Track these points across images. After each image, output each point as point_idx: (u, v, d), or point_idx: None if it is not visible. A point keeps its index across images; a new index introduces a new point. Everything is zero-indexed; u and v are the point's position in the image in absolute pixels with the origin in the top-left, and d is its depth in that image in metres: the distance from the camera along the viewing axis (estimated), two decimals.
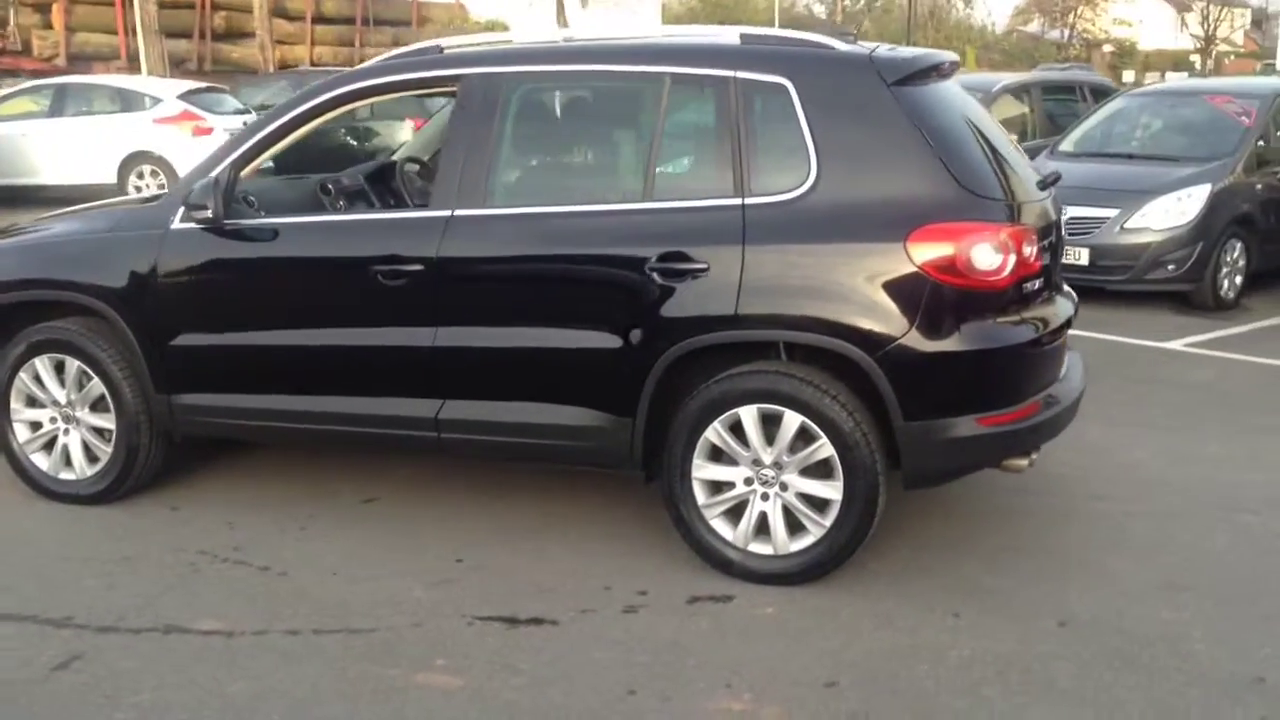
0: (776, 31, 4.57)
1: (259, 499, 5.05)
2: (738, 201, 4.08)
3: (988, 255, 3.92)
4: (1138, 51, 60.57)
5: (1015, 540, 4.57)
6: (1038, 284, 4.17)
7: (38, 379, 4.97)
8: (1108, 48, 59.68)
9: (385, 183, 5.57)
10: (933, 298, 3.90)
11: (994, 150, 4.24)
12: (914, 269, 3.90)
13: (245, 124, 5.25)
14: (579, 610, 4.04)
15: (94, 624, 3.98)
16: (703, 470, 4.20)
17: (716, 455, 4.20)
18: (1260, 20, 70.98)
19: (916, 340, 3.92)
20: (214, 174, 4.60)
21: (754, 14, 63.18)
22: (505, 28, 24.09)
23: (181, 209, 4.68)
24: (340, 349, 4.55)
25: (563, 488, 5.05)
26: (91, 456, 4.98)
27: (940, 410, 3.98)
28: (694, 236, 4.09)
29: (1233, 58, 63.06)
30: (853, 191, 4.00)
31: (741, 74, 4.16)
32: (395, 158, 5.88)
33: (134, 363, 4.82)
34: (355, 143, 14.12)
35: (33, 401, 5.03)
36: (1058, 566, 4.36)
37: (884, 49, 4.30)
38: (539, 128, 4.65)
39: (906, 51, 4.34)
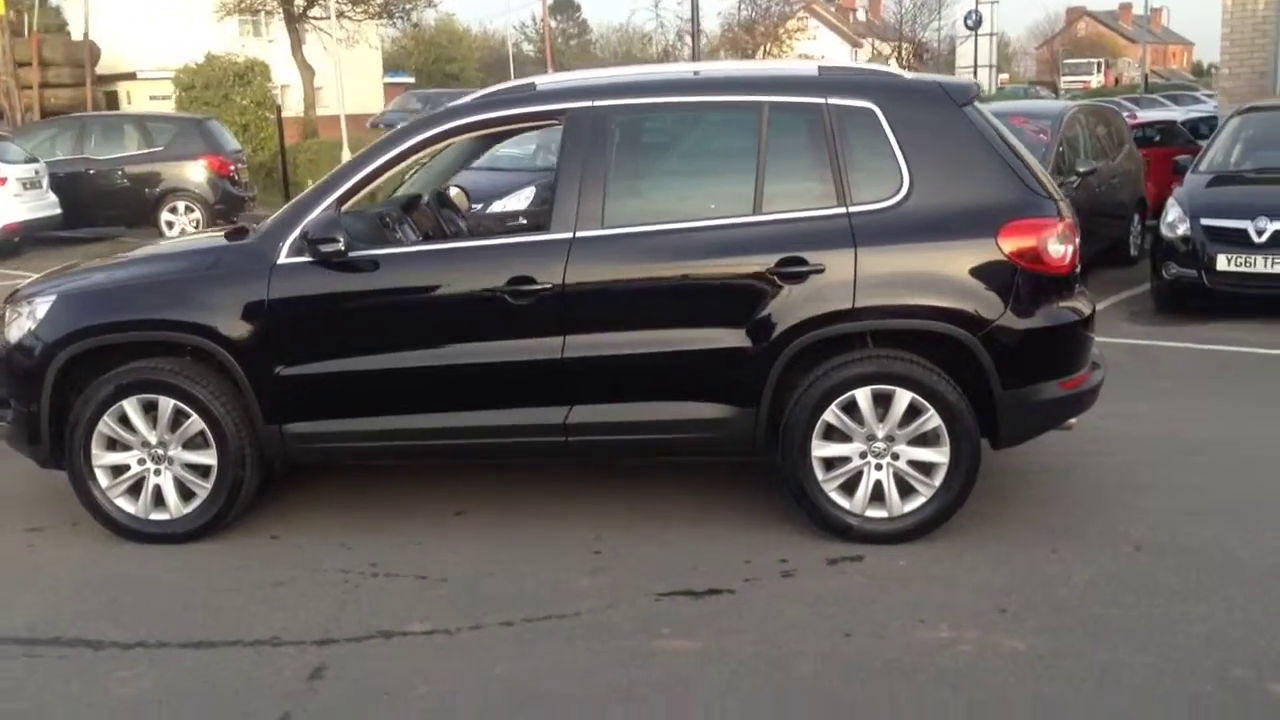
0: (850, 64, 5.22)
1: (350, 522, 5.25)
2: (843, 210, 4.70)
3: (1057, 245, 4.71)
4: None
5: (1053, 489, 5.34)
6: (1078, 271, 4.98)
7: (123, 421, 4.98)
8: None
9: (412, 214, 5.84)
10: (1020, 283, 4.65)
11: (1026, 158, 5.03)
12: (1004, 258, 4.64)
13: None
14: (743, 580, 4.53)
15: (308, 639, 4.15)
16: (822, 449, 4.78)
17: (831, 434, 4.77)
18: (922, 54, 77.42)
19: (1010, 320, 4.65)
20: (323, 210, 4.82)
21: (468, 51, 63.58)
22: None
23: (286, 244, 4.86)
24: (465, 366, 4.84)
25: (649, 483, 5.49)
26: (185, 494, 5.03)
27: (1031, 378, 4.73)
28: (809, 242, 4.68)
29: None
30: (942, 196, 4.70)
31: (833, 100, 4.79)
32: (417, 191, 6.15)
33: (238, 396, 4.92)
34: None
35: (112, 445, 5.02)
36: (1103, 505, 5.17)
37: (942, 78, 5.04)
38: (646, 153, 5.10)
39: (958, 79, 5.09)
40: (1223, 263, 9.32)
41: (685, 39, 47.64)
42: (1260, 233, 9.18)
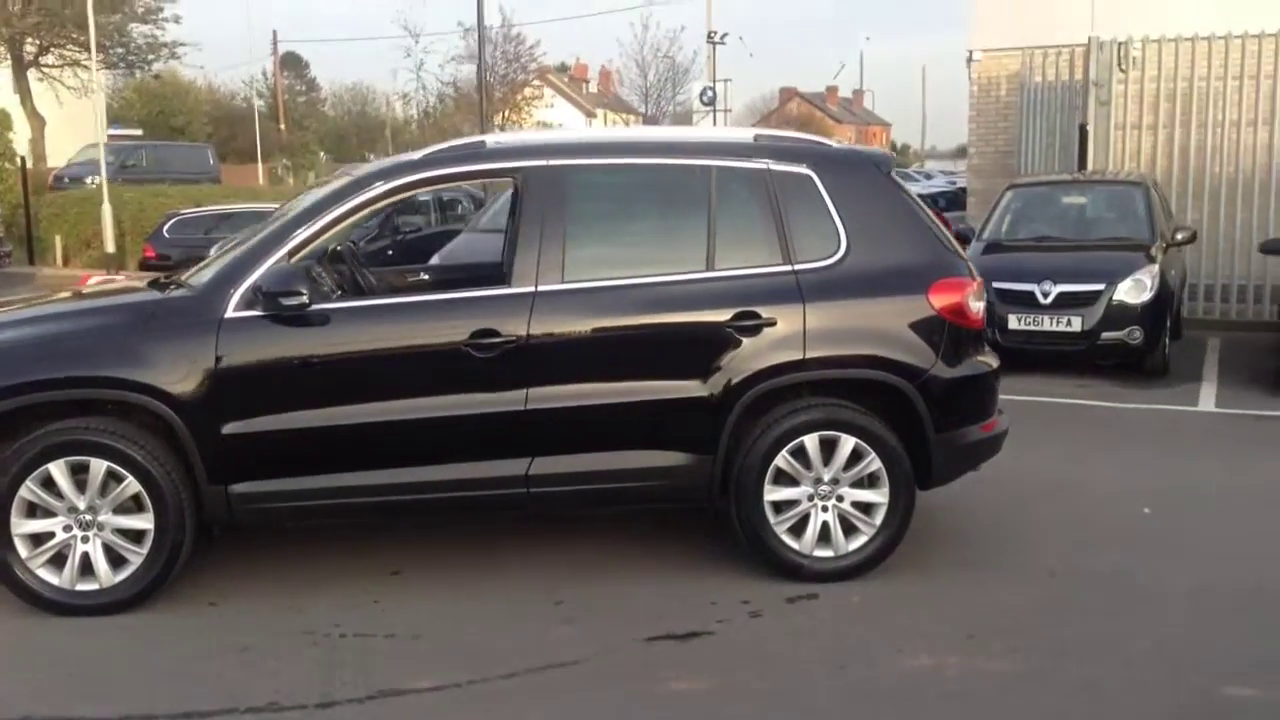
0: (784, 132, 5.56)
1: (285, 586, 5.09)
2: (789, 268, 5.01)
3: (975, 302, 5.18)
4: None
5: (955, 527, 5.76)
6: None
7: (46, 485, 4.69)
8: None
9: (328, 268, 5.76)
10: (948, 336, 5.08)
11: (938, 223, 5.50)
12: (934, 313, 5.05)
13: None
14: (716, 621, 4.71)
15: (309, 702, 4.04)
16: (773, 493, 5.03)
17: (780, 478, 5.03)
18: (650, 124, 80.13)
19: (941, 369, 5.06)
20: (275, 263, 4.74)
21: (195, 105, 61.41)
22: None
23: (235, 297, 4.74)
24: (427, 420, 4.83)
25: (586, 535, 5.59)
26: (115, 562, 4.77)
27: (959, 423, 5.14)
28: (760, 297, 4.96)
29: None
30: (876, 256, 5.08)
31: (774, 166, 5.11)
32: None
33: (180, 456, 4.73)
34: None
35: (33, 511, 4.72)
36: (1006, 538, 5.64)
37: (864, 148, 5.45)
38: (602, 210, 5.23)
39: (873, 149, 5.52)
40: (1013, 322, 10.21)
41: (445, 100, 47.79)
42: (1045, 295, 10.11)
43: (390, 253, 13.46)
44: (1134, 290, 9.88)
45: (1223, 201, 13.69)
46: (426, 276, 6.49)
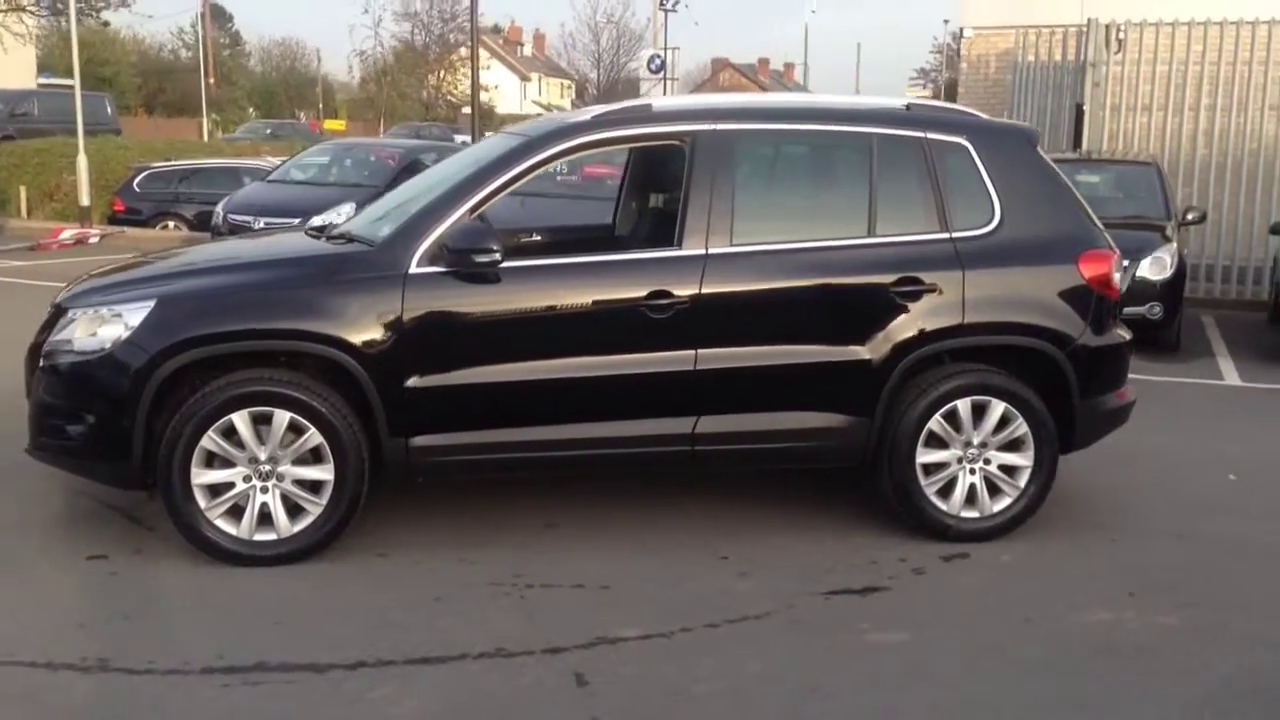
0: (937, 102, 5.69)
1: (447, 537, 5.17)
2: (947, 235, 5.17)
3: (1117, 274, 5.38)
4: (496, 114, 65.85)
5: (1086, 488, 5.93)
6: None
7: (227, 435, 4.70)
8: (467, 109, 63.93)
9: None
10: (1095, 305, 5.28)
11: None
12: (1084, 283, 5.25)
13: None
14: (888, 577, 4.87)
15: (535, 648, 4.12)
16: (925, 455, 5.20)
17: (931, 441, 5.21)
18: (583, 91, 79.90)
19: (1088, 338, 5.27)
20: (456, 220, 4.79)
21: (122, 55, 59.90)
22: None
23: (419, 253, 4.78)
24: (599, 378, 4.91)
25: (738, 494, 5.72)
26: (292, 512, 4.80)
27: (1100, 390, 5.36)
28: (921, 263, 5.11)
29: None
30: (1027, 226, 5.26)
31: (931, 135, 5.26)
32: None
33: (362, 409, 4.77)
34: None
35: (211, 461, 4.73)
36: (1120, 503, 5.87)
37: (1004, 120, 5.61)
38: (769, 175, 5.34)
39: (1021, 123, 5.69)
40: None
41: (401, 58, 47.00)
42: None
43: None
44: (1155, 267, 10.20)
45: (1211, 184, 14.15)
46: (538, 237, 6.52)
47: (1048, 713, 3.79)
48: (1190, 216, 11.35)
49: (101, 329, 4.75)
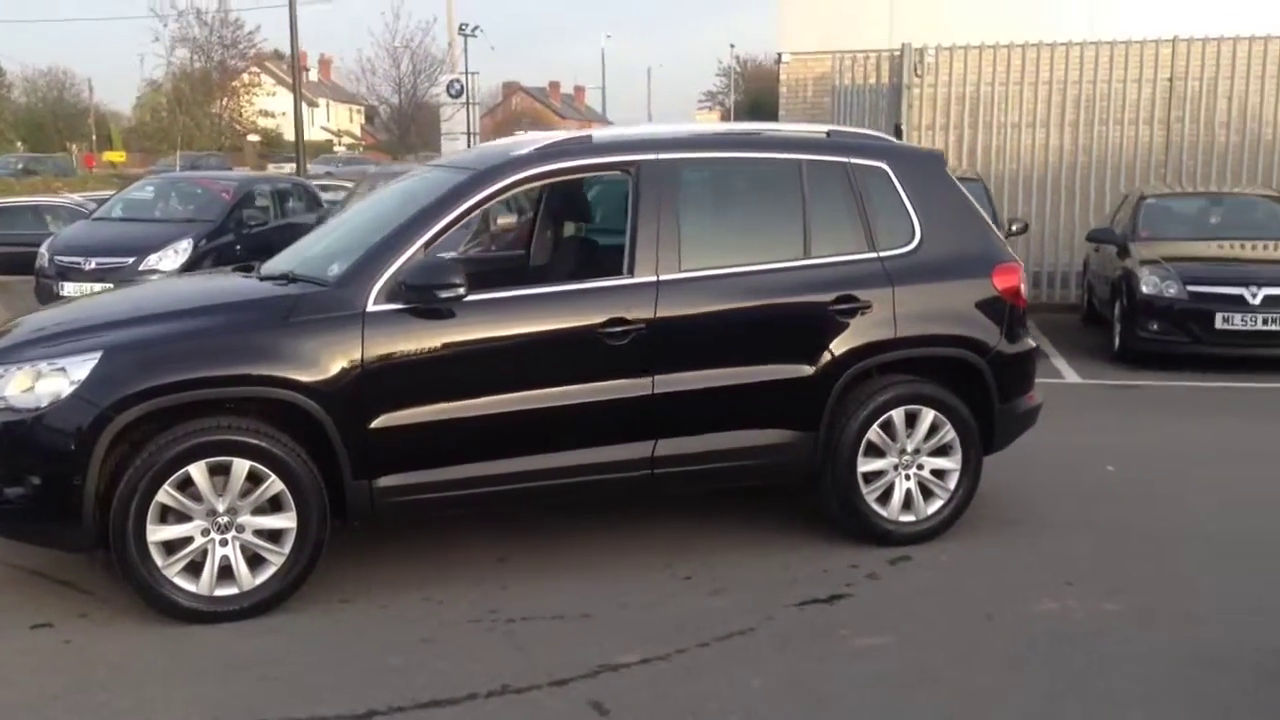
0: (852, 129, 5.94)
1: (408, 578, 5.11)
2: (875, 255, 5.44)
3: (1024, 285, 5.76)
4: (284, 142, 64.23)
5: (987, 487, 6.28)
6: None
7: (183, 488, 4.55)
8: (254, 137, 62.28)
9: None
10: (1009, 315, 5.63)
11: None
12: (997, 295, 5.59)
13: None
14: (845, 584, 5.07)
15: (540, 682, 4.14)
16: (864, 464, 5.44)
17: (869, 451, 5.45)
18: (372, 116, 78.64)
19: (1004, 345, 5.62)
20: (411, 255, 4.78)
21: None
22: None
23: (375, 290, 4.74)
24: (562, 407, 4.96)
25: (676, 515, 5.82)
26: (253, 563, 4.68)
27: (1015, 394, 5.71)
28: (855, 282, 5.36)
29: (363, 149, 69.50)
30: (944, 243, 5.57)
31: (854, 160, 5.52)
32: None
33: (322, 453, 4.69)
34: None
35: (165, 517, 4.57)
36: (1040, 498, 6.24)
37: (915, 145, 5.93)
38: (709, 201, 5.46)
39: (931, 148, 6.01)
40: None
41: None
42: None
43: (238, 248, 12.97)
44: None
45: (1020, 198, 15.11)
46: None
47: (1045, 700, 4.02)
48: (1014, 228, 12.06)
49: (39, 384, 4.52)
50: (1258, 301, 9.90)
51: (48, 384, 4.50)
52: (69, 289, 12.03)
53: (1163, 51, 14.99)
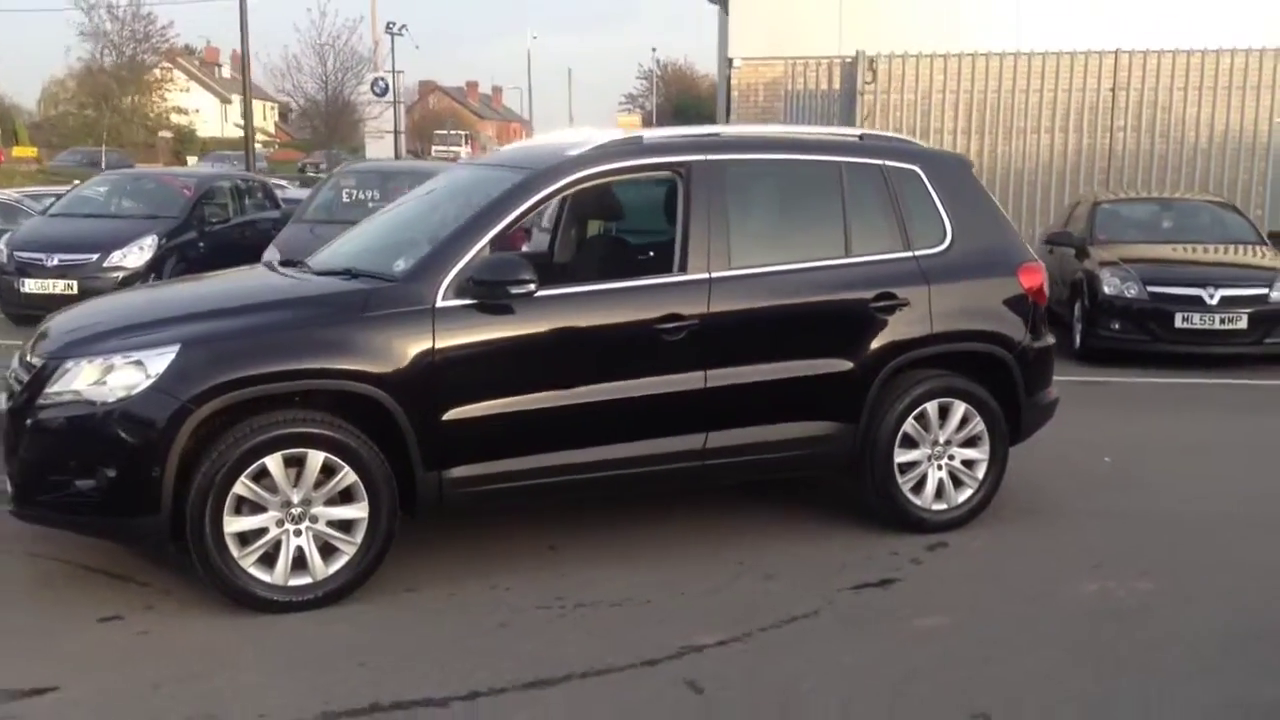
0: (883, 132, 6.15)
1: (469, 567, 5.20)
2: (910, 254, 5.65)
3: (1046, 283, 6.02)
4: (196, 138, 63.07)
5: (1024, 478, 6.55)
6: None
7: (258, 479, 4.60)
8: (165, 133, 61.02)
9: None
10: (1032, 311, 5.89)
11: None
12: (1023, 293, 5.85)
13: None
14: (893, 569, 5.27)
15: (635, 662, 4.26)
16: (900, 455, 5.65)
17: (905, 442, 5.67)
18: (286, 114, 77.51)
19: (1029, 340, 5.87)
20: (477, 252, 4.88)
21: None
22: None
23: (444, 286, 4.83)
24: (622, 400, 5.09)
25: (712, 506, 5.97)
26: (325, 553, 4.74)
27: (1039, 387, 5.97)
28: (895, 280, 5.57)
29: (277, 146, 68.55)
30: (973, 243, 5.81)
31: (889, 162, 5.74)
32: None
33: (395, 444, 4.76)
34: None
35: (240, 508, 4.61)
36: (1052, 487, 6.50)
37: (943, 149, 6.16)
38: (755, 201, 5.60)
39: (958, 153, 6.25)
40: None
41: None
42: None
43: (201, 245, 12.85)
44: None
45: None
46: None
47: (1108, 677, 4.23)
48: None
49: (112, 377, 4.53)
50: (1215, 302, 10.34)
51: (121, 377, 4.52)
52: (30, 285, 11.83)
53: (1106, 62, 15.54)
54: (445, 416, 4.79)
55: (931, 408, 5.65)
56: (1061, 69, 15.73)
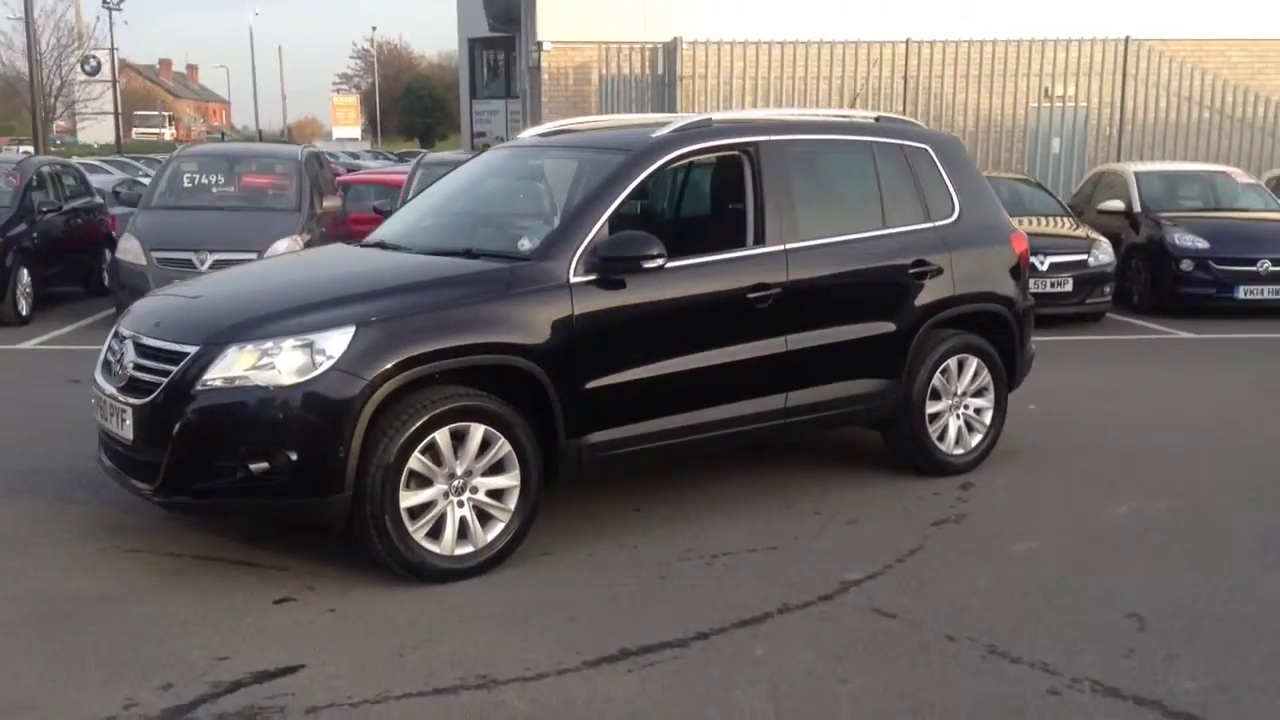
0: (893, 115, 6.74)
1: (592, 531, 5.46)
2: (931, 225, 6.32)
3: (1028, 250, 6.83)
4: None
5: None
6: None
7: (427, 452, 4.76)
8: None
9: None
10: (1022, 275, 6.68)
11: None
12: (1017, 259, 6.63)
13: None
14: (949, 507, 5.91)
15: (810, 597, 4.69)
16: (931, 407, 6.32)
17: (933, 395, 6.34)
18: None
19: (1023, 301, 6.66)
20: (598, 230, 5.18)
21: None
22: None
23: (574, 261, 5.10)
24: (726, 364, 5.50)
25: (755, 461, 6.42)
26: (483, 521, 4.94)
27: (1027, 341, 6.77)
28: (926, 248, 6.21)
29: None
30: (976, 215, 6.53)
31: (906, 142, 6.38)
32: None
33: (539, 415, 5.01)
34: None
35: (409, 483, 4.76)
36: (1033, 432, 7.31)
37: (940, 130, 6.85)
38: (810, 178, 6.06)
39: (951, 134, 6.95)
40: None
41: None
42: None
43: (35, 235, 12.09)
44: None
45: None
46: None
47: (1197, 580, 4.93)
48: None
49: (280, 359, 4.55)
50: (1045, 268, 11.60)
51: (289, 359, 4.54)
52: None
53: (898, 50, 16.84)
54: (586, 386, 5.04)
55: (953, 363, 6.32)
56: (860, 57, 16.92)
